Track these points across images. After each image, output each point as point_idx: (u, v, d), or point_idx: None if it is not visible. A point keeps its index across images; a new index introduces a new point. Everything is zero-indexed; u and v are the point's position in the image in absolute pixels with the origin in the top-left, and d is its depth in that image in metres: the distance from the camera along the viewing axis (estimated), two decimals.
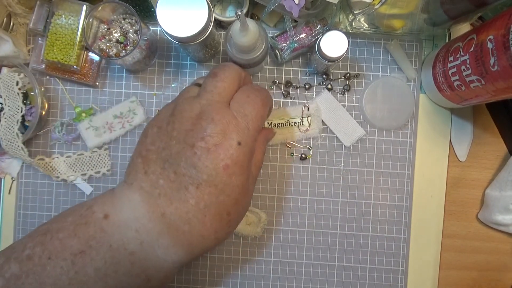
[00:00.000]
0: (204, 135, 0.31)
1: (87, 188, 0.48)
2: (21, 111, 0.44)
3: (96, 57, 0.46)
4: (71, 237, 0.31)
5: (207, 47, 0.43)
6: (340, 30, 0.41)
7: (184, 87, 0.47)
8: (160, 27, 0.36)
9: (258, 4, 0.46)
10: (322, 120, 0.47)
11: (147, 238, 0.32)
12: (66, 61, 0.44)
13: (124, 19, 0.43)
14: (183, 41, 0.38)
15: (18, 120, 0.44)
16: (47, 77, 0.48)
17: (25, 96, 0.45)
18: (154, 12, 0.36)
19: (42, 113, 0.46)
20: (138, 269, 0.32)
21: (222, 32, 0.47)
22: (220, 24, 0.47)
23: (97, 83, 0.48)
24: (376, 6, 0.39)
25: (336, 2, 0.39)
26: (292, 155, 0.48)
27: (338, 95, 0.48)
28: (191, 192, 0.31)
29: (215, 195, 0.32)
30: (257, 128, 0.34)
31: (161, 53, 0.48)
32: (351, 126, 0.47)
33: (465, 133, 0.48)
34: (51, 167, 0.47)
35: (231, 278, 0.48)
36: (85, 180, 0.48)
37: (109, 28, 0.43)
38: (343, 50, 0.41)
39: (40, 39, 0.46)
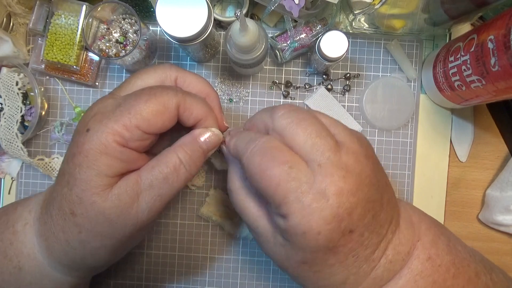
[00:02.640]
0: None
1: None
2: (21, 111, 0.44)
3: (95, 57, 0.46)
4: None
5: (207, 47, 0.43)
6: (340, 30, 0.41)
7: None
8: (160, 27, 0.36)
9: (258, 4, 0.46)
10: None
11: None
12: (65, 61, 0.44)
13: (123, 19, 0.43)
14: (183, 41, 0.38)
15: (17, 120, 0.44)
16: (47, 77, 0.48)
17: (25, 96, 0.45)
18: (154, 12, 0.36)
19: (41, 113, 0.46)
20: (13, 251, 0.32)
21: (222, 32, 0.47)
22: (220, 24, 0.47)
23: (97, 83, 0.48)
24: (376, 6, 0.39)
25: (336, 2, 0.39)
26: None
27: (338, 95, 0.48)
28: None
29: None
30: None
31: (161, 53, 0.48)
32: (348, 122, 0.47)
33: (466, 133, 0.48)
34: (50, 167, 0.47)
35: (231, 278, 0.48)
36: None
37: (109, 28, 0.43)
38: (343, 50, 0.40)
39: (39, 39, 0.46)
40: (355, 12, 0.42)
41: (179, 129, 0.34)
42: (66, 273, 0.33)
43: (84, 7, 0.44)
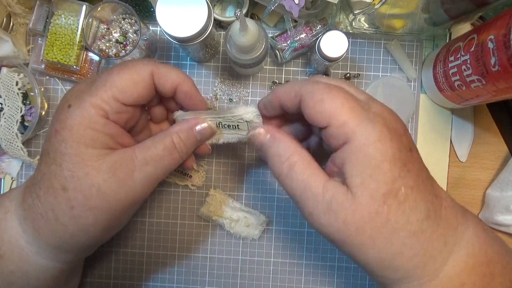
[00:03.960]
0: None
1: None
2: (21, 111, 0.44)
3: (95, 57, 0.46)
4: None
5: (207, 47, 0.43)
6: (340, 30, 0.41)
7: None
8: (160, 27, 0.36)
9: (258, 4, 0.46)
10: None
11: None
12: (65, 61, 0.44)
13: (123, 19, 0.43)
14: (183, 41, 0.38)
15: (17, 120, 0.44)
16: (47, 77, 0.48)
17: (25, 96, 0.45)
18: (154, 12, 0.36)
19: (41, 113, 0.46)
20: None
21: (222, 32, 0.47)
22: (220, 24, 0.47)
23: None
24: (376, 6, 0.39)
25: (336, 2, 0.39)
26: None
27: None
28: None
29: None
30: None
31: (161, 53, 0.48)
32: None
33: (466, 133, 0.48)
34: None
35: (231, 278, 0.48)
36: None
37: (109, 28, 0.43)
38: (343, 50, 0.40)
39: (39, 39, 0.46)
40: (355, 12, 0.42)
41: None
42: (53, 257, 0.32)
43: (84, 7, 0.44)
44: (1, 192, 0.48)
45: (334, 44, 0.40)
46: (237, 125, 0.35)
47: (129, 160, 0.30)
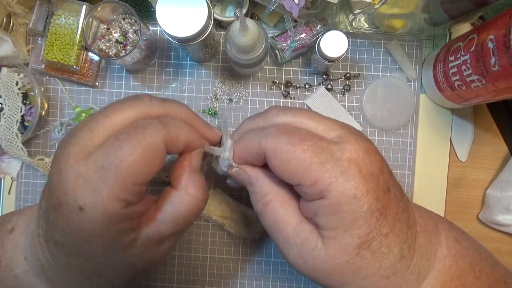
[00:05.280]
0: None
1: None
2: (21, 111, 0.44)
3: (95, 57, 0.46)
4: None
5: (207, 47, 0.43)
6: (340, 30, 0.41)
7: (184, 87, 0.48)
8: (160, 27, 0.36)
9: (258, 4, 0.46)
10: None
11: (32, 269, 0.30)
12: (65, 61, 0.44)
13: (123, 19, 0.43)
14: (183, 41, 0.38)
15: (17, 120, 0.44)
16: (47, 77, 0.48)
17: (25, 96, 0.45)
18: (154, 12, 0.36)
19: (41, 113, 0.46)
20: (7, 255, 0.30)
21: (222, 32, 0.47)
22: (220, 24, 0.47)
23: (97, 83, 0.48)
24: (376, 6, 0.39)
25: (336, 2, 0.39)
26: None
27: (338, 95, 0.48)
28: None
29: None
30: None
31: (161, 53, 0.48)
32: (348, 122, 0.47)
33: (466, 133, 0.48)
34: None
35: (231, 278, 0.48)
36: None
37: (109, 28, 0.43)
38: (343, 50, 0.40)
39: (39, 39, 0.46)
40: (355, 12, 0.42)
41: None
42: None
43: (84, 7, 0.44)
44: (1, 192, 0.48)
45: (334, 44, 0.40)
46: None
47: (157, 235, 0.28)
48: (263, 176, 0.30)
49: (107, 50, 0.42)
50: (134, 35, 0.43)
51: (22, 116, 0.45)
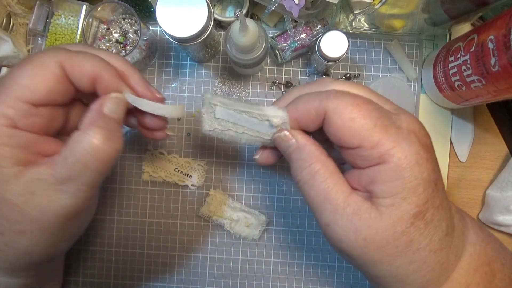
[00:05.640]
0: None
1: None
2: None
3: None
4: None
5: (207, 47, 0.43)
6: (340, 30, 0.41)
7: (184, 87, 0.48)
8: (160, 27, 0.36)
9: (258, 4, 0.46)
10: None
11: None
12: None
13: (123, 19, 0.43)
14: (183, 41, 0.38)
15: None
16: None
17: None
18: (154, 12, 0.36)
19: None
20: None
21: (222, 32, 0.47)
22: (220, 24, 0.47)
23: None
24: (377, 6, 0.39)
25: (336, 2, 0.39)
26: None
27: None
28: None
29: None
30: None
31: (161, 53, 0.48)
32: None
33: (466, 133, 0.48)
34: None
35: (231, 278, 0.48)
36: None
37: (109, 28, 0.43)
38: (343, 50, 0.40)
39: (39, 39, 0.46)
40: (355, 12, 0.42)
41: None
42: (10, 275, 0.30)
43: (84, 7, 0.44)
44: None
45: (334, 44, 0.40)
46: (258, 125, 0.31)
47: (48, 176, 0.25)
48: (312, 144, 0.29)
49: (107, 50, 0.42)
50: (134, 35, 0.43)
51: None
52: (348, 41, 0.40)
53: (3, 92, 0.25)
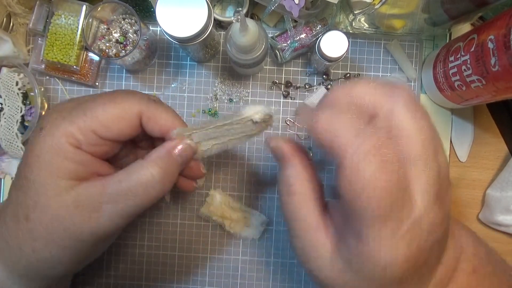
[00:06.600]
0: None
1: None
2: (21, 111, 0.44)
3: (95, 57, 0.46)
4: None
5: (207, 47, 0.43)
6: (340, 30, 0.41)
7: (184, 87, 0.48)
8: (160, 27, 0.36)
9: (258, 4, 0.46)
10: None
11: None
12: (65, 61, 0.44)
13: (123, 19, 0.43)
14: (183, 41, 0.38)
15: (17, 120, 0.44)
16: (47, 77, 0.48)
17: (25, 96, 0.45)
18: (154, 12, 0.36)
19: (41, 113, 0.46)
20: None
21: (222, 32, 0.47)
22: (220, 24, 0.47)
23: (97, 83, 0.48)
24: (377, 6, 0.39)
25: (336, 2, 0.39)
26: None
27: None
28: None
29: None
30: None
31: (161, 53, 0.48)
32: None
33: (466, 133, 0.48)
34: None
35: (231, 278, 0.48)
36: None
37: (109, 28, 0.43)
38: (343, 50, 0.40)
39: (39, 39, 0.46)
40: (355, 12, 0.42)
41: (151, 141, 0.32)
42: (23, 284, 0.30)
43: (84, 7, 0.44)
44: (1, 192, 0.48)
45: (334, 44, 0.40)
46: (242, 128, 0.32)
47: (96, 194, 0.27)
48: (298, 164, 0.29)
49: (107, 50, 0.42)
50: (134, 35, 0.43)
51: (22, 116, 0.45)
52: (348, 41, 0.40)
53: (80, 117, 0.27)
